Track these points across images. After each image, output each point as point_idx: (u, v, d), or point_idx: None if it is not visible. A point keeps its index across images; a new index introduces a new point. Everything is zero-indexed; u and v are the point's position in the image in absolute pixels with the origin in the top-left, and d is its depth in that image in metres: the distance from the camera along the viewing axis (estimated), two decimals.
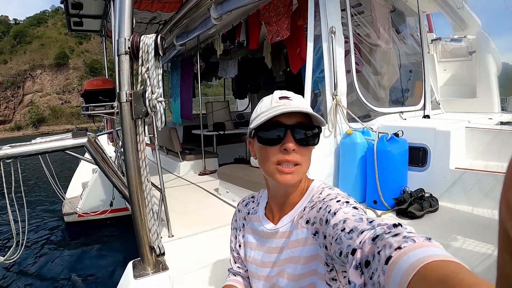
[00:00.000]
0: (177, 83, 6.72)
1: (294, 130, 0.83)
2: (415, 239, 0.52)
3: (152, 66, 1.75)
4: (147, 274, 1.86)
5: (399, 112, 3.21)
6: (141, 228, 1.87)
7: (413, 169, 2.63)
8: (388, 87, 3.40)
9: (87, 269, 4.61)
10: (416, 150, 2.63)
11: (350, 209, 0.74)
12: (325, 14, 2.77)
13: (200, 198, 3.59)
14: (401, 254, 0.50)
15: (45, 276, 4.50)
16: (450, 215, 2.32)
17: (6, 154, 2.15)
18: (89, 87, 3.37)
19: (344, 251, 0.64)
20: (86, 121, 42.29)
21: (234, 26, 4.62)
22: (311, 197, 0.89)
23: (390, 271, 0.49)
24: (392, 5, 3.55)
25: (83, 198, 5.66)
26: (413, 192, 2.40)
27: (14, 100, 60.29)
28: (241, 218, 1.11)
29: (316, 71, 2.83)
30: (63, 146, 2.31)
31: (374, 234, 0.58)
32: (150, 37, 1.75)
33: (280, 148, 0.83)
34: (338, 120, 2.76)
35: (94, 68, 65.20)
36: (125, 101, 1.76)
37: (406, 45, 3.78)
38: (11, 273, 4.59)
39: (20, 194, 2.61)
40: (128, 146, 1.80)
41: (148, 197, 1.90)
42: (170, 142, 5.12)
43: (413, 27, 3.90)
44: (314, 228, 0.82)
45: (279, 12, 3.48)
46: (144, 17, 4.62)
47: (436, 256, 0.46)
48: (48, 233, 6.06)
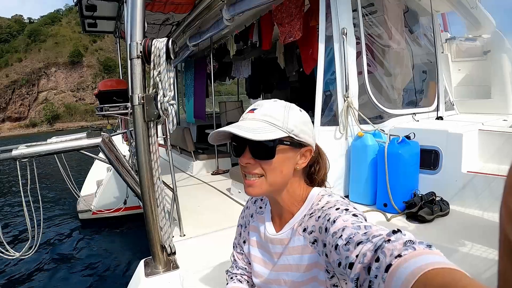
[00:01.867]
0: (191, 83, 6.79)
1: (250, 145, 0.83)
2: (415, 246, 0.52)
3: (164, 70, 1.78)
4: (158, 272, 1.89)
5: (412, 113, 3.18)
6: (152, 227, 1.91)
7: (425, 172, 2.61)
8: (401, 88, 3.37)
9: (100, 266, 4.69)
10: (428, 153, 2.60)
11: (349, 216, 0.73)
12: (336, 15, 2.76)
13: (212, 197, 3.62)
14: (401, 262, 0.50)
15: (59, 272, 4.61)
16: (461, 219, 2.29)
17: (22, 153, 2.21)
18: (104, 88, 3.44)
19: (342, 263, 0.64)
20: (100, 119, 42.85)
21: (246, 27, 4.65)
22: (311, 205, 0.89)
23: (390, 279, 0.49)
24: (405, 5, 3.51)
25: (98, 196, 5.77)
26: (423, 196, 2.38)
27: (29, 97, 61.60)
28: (247, 215, 1.11)
29: (328, 73, 2.83)
30: (78, 146, 2.36)
31: (374, 246, 0.58)
32: (161, 41, 1.78)
33: (240, 161, 0.86)
34: (350, 122, 2.75)
35: (108, 66, 66.11)
36: (138, 104, 1.79)
37: (420, 45, 3.74)
38: (26, 268, 4.72)
39: (36, 192, 2.67)
40: (141, 147, 1.84)
41: (160, 197, 1.93)
42: (183, 142, 5.16)
43: (427, 26, 3.85)
44: (312, 237, 0.82)
45: (291, 13, 3.48)
46: (157, 19, 4.68)
47: (437, 263, 0.46)
48: (63, 230, 6.20)
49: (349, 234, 0.66)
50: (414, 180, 2.54)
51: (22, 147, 2.27)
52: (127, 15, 1.85)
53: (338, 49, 2.76)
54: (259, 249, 1.02)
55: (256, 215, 1.07)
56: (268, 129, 0.81)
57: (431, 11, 3.68)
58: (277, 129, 0.82)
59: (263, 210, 1.05)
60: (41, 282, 4.37)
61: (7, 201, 8.91)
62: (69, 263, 4.84)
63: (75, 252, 5.21)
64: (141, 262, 1.99)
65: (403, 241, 0.54)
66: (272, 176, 0.85)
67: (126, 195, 4.82)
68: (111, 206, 5.37)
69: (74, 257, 5.05)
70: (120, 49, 5.70)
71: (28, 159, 2.30)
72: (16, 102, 60.51)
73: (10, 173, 13.39)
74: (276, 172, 0.85)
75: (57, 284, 4.28)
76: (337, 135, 2.77)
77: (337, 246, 0.67)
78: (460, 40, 5.16)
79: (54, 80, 64.26)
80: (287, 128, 0.83)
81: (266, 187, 0.85)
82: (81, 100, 64.79)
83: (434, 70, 3.65)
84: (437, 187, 2.51)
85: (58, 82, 64.51)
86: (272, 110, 0.85)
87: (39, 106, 61.89)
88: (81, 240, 5.71)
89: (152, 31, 5.14)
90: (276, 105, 0.87)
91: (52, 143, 2.41)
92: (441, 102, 3.59)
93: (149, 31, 5.06)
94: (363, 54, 2.90)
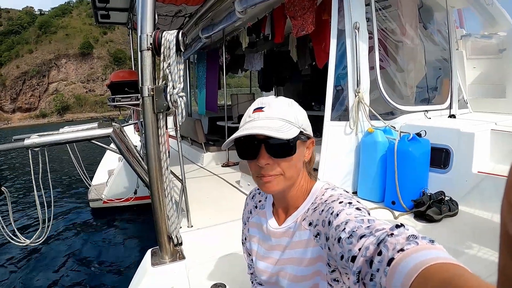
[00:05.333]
0: (203, 74, 6.81)
1: (267, 144, 0.82)
2: (418, 241, 0.52)
3: (174, 62, 1.78)
4: (164, 262, 1.92)
5: (424, 110, 3.13)
6: (160, 217, 1.93)
7: (435, 171, 2.57)
8: (414, 85, 3.32)
9: (108, 254, 4.78)
10: (439, 151, 2.56)
11: (352, 210, 0.73)
12: (349, 9, 2.73)
13: (222, 189, 3.63)
14: (403, 256, 0.50)
15: (67, 260, 4.70)
16: (469, 220, 2.25)
17: (34, 143, 2.25)
18: (115, 79, 3.47)
19: (345, 256, 0.64)
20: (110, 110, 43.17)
21: (259, 20, 4.62)
22: (314, 199, 0.89)
23: (392, 272, 0.49)
24: (420, 0, 3.45)
25: (109, 185, 5.86)
26: (432, 195, 2.35)
27: (40, 88, 62.48)
28: (246, 212, 1.11)
29: (339, 67, 2.80)
30: (89, 136, 2.39)
31: (377, 240, 0.57)
32: (171, 33, 1.78)
33: (257, 163, 0.84)
34: (360, 118, 2.72)
35: (118, 58, 66.55)
36: (147, 95, 1.81)
37: (434, 42, 3.66)
38: (35, 256, 4.82)
39: (47, 180, 2.71)
40: (150, 138, 1.85)
41: (168, 187, 1.94)
42: (194, 133, 5.19)
43: (441, 22, 3.78)
44: (316, 230, 0.82)
45: (304, 6, 3.45)
46: (170, 11, 4.67)
47: (439, 258, 0.46)
48: (73, 218, 6.32)
49: (352, 228, 0.65)
50: (424, 178, 2.51)
51: (34, 136, 2.30)
52: (138, 8, 1.85)
53: (350, 43, 2.73)
54: (261, 244, 1.02)
55: (256, 210, 1.06)
56: (288, 126, 0.82)
57: (446, 7, 3.61)
58: (294, 126, 0.83)
59: (264, 204, 1.05)
60: (50, 268, 4.47)
61: (17, 190, 9.08)
62: (78, 251, 4.93)
63: (85, 240, 5.30)
64: (148, 252, 2.02)
65: (406, 235, 0.54)
66: (290, 172, 0.85)
67: (136, 185, 4.88)
68: (122, 196, 5.45)
69: (83, 244, 5.14)
70: (132, 40, 5.72)
71: (40, 148, 2.34)
72: (27, 93, 61.41)
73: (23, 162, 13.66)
74: (292, 168, 0.85)
75: (65, 271, 4.37)
76: (347, 130, 2.75)
77: (340, 239, 0.67)
78: (476, 37, 5.04)
79: (64, 72, 64.98)
80: (298, 123, 0.85)
81: (284, 183, 0.86)
82: (91, 91, 65.45)
83: (448, 67, 3.58)
84: (447, 187, 2.47)
85: (69, 74, 65.22)
86: (283, 108, 0.86)
87: (49, 97, 62.72)
88: (91, 228, 5.82)
89: (165, 23, 5.14)
90: (283, 102, 0.88)
91: (64, 133, 2.45)
92: (455, 100, 3.53)
93: (161, 22, 5.05)
94: (376, 49, 2.86)
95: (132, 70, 4.76)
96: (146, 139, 1.86)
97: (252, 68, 7.41)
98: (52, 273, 4.36)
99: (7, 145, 2.31)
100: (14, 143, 2.29)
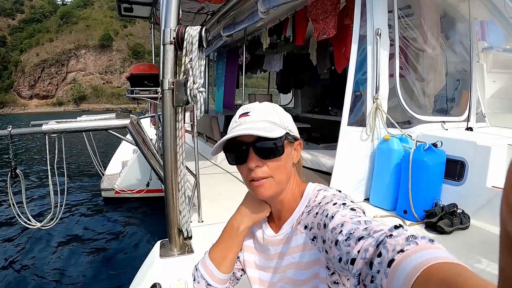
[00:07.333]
0: (222, 72, 6.85)
1: (255, 147, 0.83)
2: (417, 241, 0.52)
3: (196, 57, 1.79)
4: (172, 254, 1.93)
5: (441, 121, 3.09)
6: (172, 210, 1.95)
7: (449, 183, 2.54)
8: (433, 95, 3.28)
9: (117, 243, 4.85)
10: (454, 163, 2.53)
11: (347, 211, 0.72)
12: (371, 15, 2.72)
13: (234, 187, 3.62)
14: (404, 257, 0.50)
15: (77, 246, 4.79)
16: (480, 235, 2.21)
17: (52, 129, 2.28)
18: (136, 71, 3.52)
19: (344, 258, 0.64)
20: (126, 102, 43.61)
21: (281, 21, 4.64)
22: (308, 201, 0.88)
23: (393, 274, 0.49)
24: (443, 10, 3.41)
25: (122, 176, 5.96)
26: (445, 206, 2.31)
27: (58, 77, 63.75)
28: None
29: (359, 72, 2.80)
30: (106, 126, 2.43)
31: (376, 242, 0.57)
32: (195, 29, 1.79)
33: (247, 167, 0.85)
34: (377, 124, 2.71)
35: (137, 51, 67.35)
36: (167, 88, 1.83)
37: (455, 53, 3.62)
38: (45, 239, 4.92)
39: (62, 167, 2.75)
40: (167, 131, 1.87)
41: (181, 181, 1.96)
42: (210, 130, 5.22)
43: (463, 34, 3.72)
44: (312, 233, 0.81)
45: (327, 10, 3.45)
46: (192, 7, 4.72)
47: (439, 258, 0.46)
48: (85, 206, 6.44)
49: (349, 230, 0.65)
50: (437, 189, 2.49)
51: (52, 122, 2.34)
52: (162, 2, 1.87)
53: (371, 49, 2.72)
54: (256, 254, 1.01)
55: None
56: (273, 127, 0.84)
57: (469, 18, 3.56)
58: (278, 127, 0.85)
59: None
60: (59, 254, 4.55)
61: (28, 174, 9.27)
62: (87, 238, 5.02)
63: (95, 228, 5.39)
64: (157, 243, 2.04)
65: (405, 236, 0.54)
66: (279, 175, 0.86)
67: (149, 177, 4.93)
68: (134, 187, 5.52)
69: (93, 232, 5.23)
70: (154, 35, 5.79)
71: (57, 135, 2.38)
72: (45, 80, 62.72)
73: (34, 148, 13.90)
74: (281, 169, 0.86)
75: (74, 258, 4.44)
76: (363, 136, 2.74)
77: (338, 242, 0.66)
78: (498, 51, 4.96)
79: (83, 62, 66.14)
80: (283, 124, 0.87)
81: (275, 187, 0.86)
82: (108, 83, 66.46)
83: (468, 79, 3.53)
84: (460, 199, 2.43)
85: (87, 64, 66.33)
86: (267, 111, 0.88)
87: (67, 86, 63.93)
88: (101, 217, 5.91)
89: (187, 19, 5.19)
90: (267, 106, 0.91)
91: (81, 121, 2.49)
92: (473, 112, 3.47)
93: (184, 18, 5.10)
94: (396, 57, 2.84)
95: (152, 63, 4.82)
96: (163, 132, 1.89)
97: (271, 69, 7.43)
98: (58, 258, 4.45)
99: (26, 129, 2.36)
100: (32, 127, 2.33)
